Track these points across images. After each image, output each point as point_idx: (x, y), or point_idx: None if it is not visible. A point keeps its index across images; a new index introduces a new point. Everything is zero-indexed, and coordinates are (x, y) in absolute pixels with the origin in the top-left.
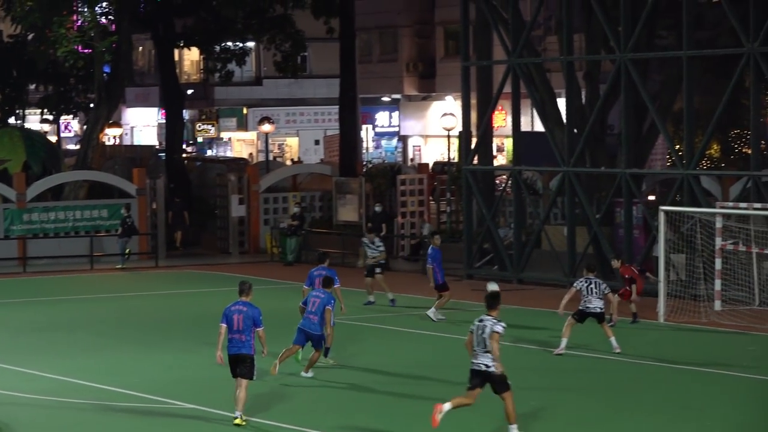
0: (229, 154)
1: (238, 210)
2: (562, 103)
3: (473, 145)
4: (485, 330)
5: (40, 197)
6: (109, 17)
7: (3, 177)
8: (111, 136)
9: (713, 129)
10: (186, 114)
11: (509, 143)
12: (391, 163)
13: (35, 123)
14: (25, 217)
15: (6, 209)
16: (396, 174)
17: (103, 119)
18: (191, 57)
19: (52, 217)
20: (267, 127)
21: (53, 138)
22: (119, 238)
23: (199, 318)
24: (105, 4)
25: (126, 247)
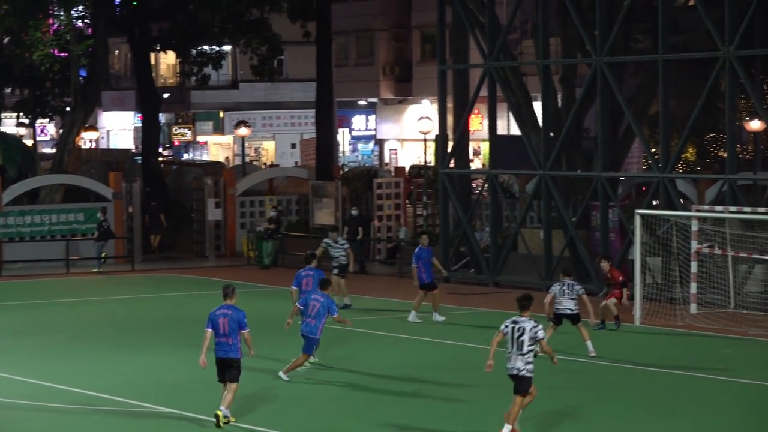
0: (206, 157)
1: (214, 213)
2: (538, 107)
3: (450, 149)
4: (524, 333)
5: (15, 201)
6: (85, 21)
7: None
8: (87, 139)
9: (689, 132)
10: (162, 117)
11: (486, 147)
12: (368, 167)
13: (11, 127)
14: (1, 221)
15: None
16: (372, 177)
17: (80, 123)
18: (167, 60)
19: (28, 221)
20: (243, 131)
21: (29, 142)
22: (95, 241)
23: (176, 321)
24: (81, 7)
25: (102, 251)
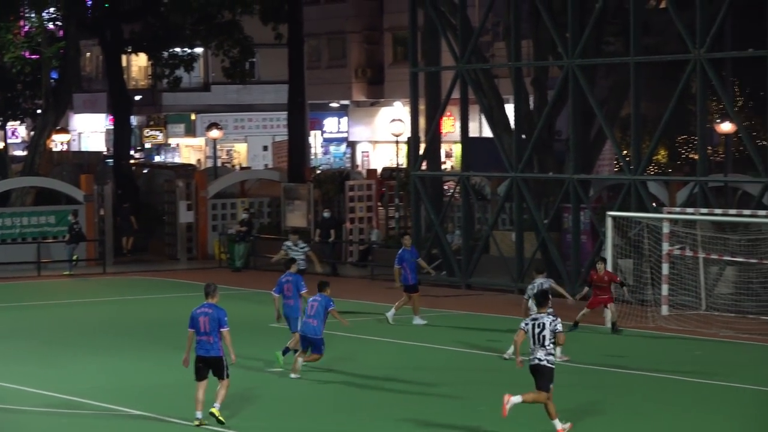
0: (177, 160)
1: (186, 216)
2: (510, 109)
3: (422, 151)
4: (544, 328)
5: None
6: (57, 23)
7: None
8: (58, 142)
9: (660, 134)
10: (134, 120)
11: (458, 149)
12: (340, 169)
13: None
14: None
15: None
16: (344, 180)
17: (51, 125)
18: (139, 63)
19: None
20: (215, 133)
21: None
22: (67, 244)
23: (148, 324)
24: (52, 9)
25: (73, 254)
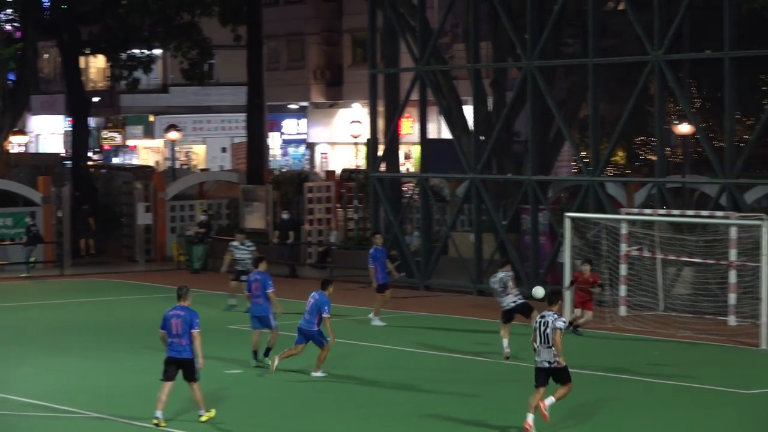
0: (136, 161)
1: (144, 218)
2: (469, 111)
3: (380, 153)
4: (548, 325)
5: None
6: (14, 24)
7: None
8: (16, 144)
9: (618, 136)
10: (92, 121)
11: (416, 150)
12: (299, 171)
13: None
14: None
15: None
16: (303, 181)
17: (8, 127)
18: (97, 64)
19: None
20: (173, 135)
21: None
22: (24, 246)
23: (106, 326)
24: (9, 11)
25: (31, 256)
